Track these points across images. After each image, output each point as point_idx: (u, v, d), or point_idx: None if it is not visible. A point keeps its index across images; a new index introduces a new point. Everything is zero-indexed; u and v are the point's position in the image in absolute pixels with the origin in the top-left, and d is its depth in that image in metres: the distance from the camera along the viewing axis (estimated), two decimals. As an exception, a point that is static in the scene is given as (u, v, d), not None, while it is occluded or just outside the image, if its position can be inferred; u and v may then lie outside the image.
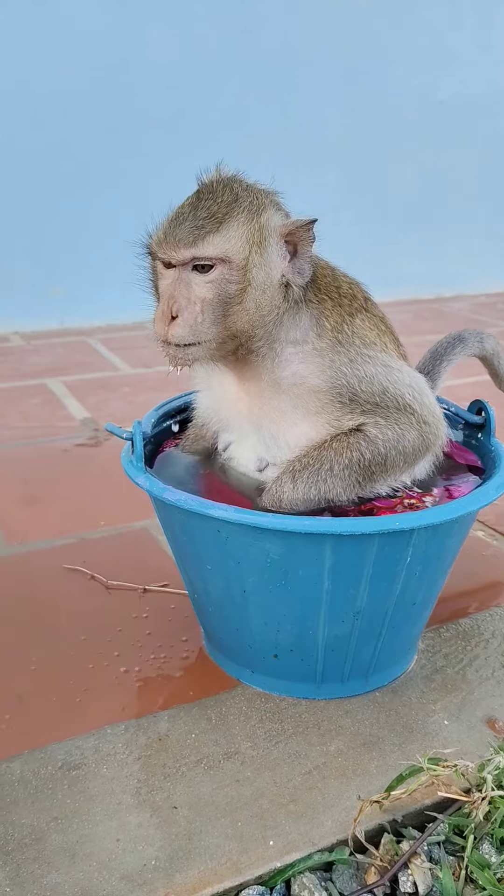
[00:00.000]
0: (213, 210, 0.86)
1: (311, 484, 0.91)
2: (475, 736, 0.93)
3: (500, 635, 1.12)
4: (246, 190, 0.91)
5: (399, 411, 0.94)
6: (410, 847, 0.78)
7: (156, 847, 0.78)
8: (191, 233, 0.85)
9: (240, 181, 0.92)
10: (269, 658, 0.96)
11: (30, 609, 1.17)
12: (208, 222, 0.86)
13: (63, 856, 0.77)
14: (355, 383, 0.93)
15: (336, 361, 0.93)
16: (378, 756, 0.90)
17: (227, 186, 0.89)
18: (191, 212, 0.87)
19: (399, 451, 0.94)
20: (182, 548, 0.97)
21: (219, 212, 0.86)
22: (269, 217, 0.89)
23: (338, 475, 0.92)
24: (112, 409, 2.10)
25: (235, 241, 0.86)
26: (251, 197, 0.90)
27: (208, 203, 0.87)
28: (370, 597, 0.89)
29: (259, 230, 0.87)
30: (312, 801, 0.84)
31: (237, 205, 0.88)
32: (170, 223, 0.88)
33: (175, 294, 0.87)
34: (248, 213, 0.88)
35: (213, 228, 0.85)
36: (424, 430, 0.96)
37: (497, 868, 0.77)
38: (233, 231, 0.86)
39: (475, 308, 3.59)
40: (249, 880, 0.76)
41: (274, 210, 0.91)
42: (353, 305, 0.97)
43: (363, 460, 0.92)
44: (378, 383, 0.94)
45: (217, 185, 0.90)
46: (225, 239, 0.85)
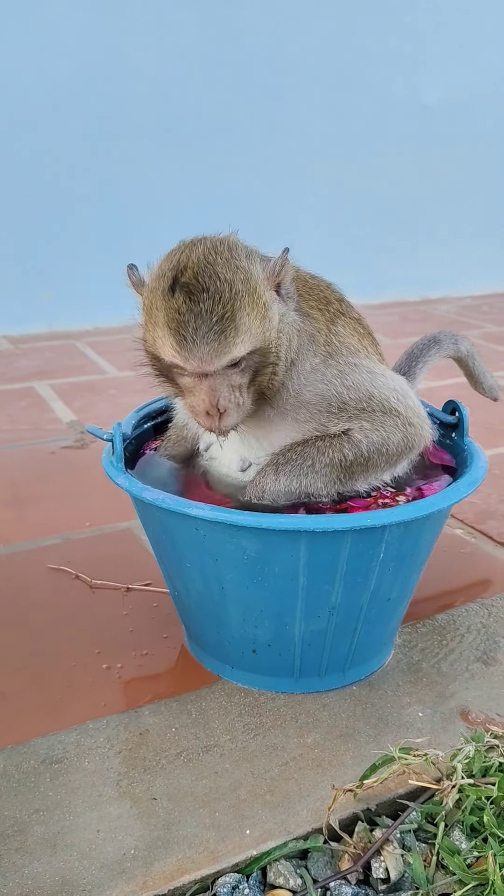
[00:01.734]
0: (220, 311, 0.83)
1: (292, 477, 0.94)
2: (449, 727, 0.95)
3: (475, 630, 1.15)
4: (231, 269, 0.85)
5: (385, 414, 0.97)
6: (383, 834, 0.80)
7: (135, 837, 0.80)
8: (215, 343, 0.83)
9: (221, 260, 0.86)
10: (247, 653, 0.98)
11: (14, 608, 1.19)
12: (223, 325, 0.83)
13: (44, 846, 0.79)
14: (344, 392, 0.95)
15: (328, 375, 0.96)
16: (353, 747, 0.92)
17: (214, 276, 0.84)
18: (199, 322, 0.83)
19: (382, 454, 0.97)
20: (162, 546, 0.99)
21: (225, 311, 0.83)
22: (259, 283, 0.87)
23: (319, 472, 0.95)
24: (98, 411, 2.12)
25: (253, 329, 0.85)
26: (240, 274, 0.85)
27: (209, 304, 0.83)
28: (345, 593, 0.91)
29: (261, 304, 0.86)
30: (289, 791, 0.86)
31: (236, 295, 0.84)
32: (184, 339, 0.84)
33: (216, 393, 0.86)
34: (247, 295, 0.85)
35: (231, 329, 0.83)
36: (409, 432, 0.99)
37: (467, 854, 0.80)
38: (246, 322, 0.85)
39: (460, 310, 3.63)
40: (226, 868, 0.78)
41: (259, 270, 0.88)
42: (330, 310, 1.00)
43: (345, 461, 0.95)
44: (364, 389, 0.96)
45: (205, 279, 0.84)
46: (245, 332, 0.84)
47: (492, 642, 1.12)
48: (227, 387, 0.87)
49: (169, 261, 0.88)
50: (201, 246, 0.87)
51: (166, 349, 0.86)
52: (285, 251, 0.90)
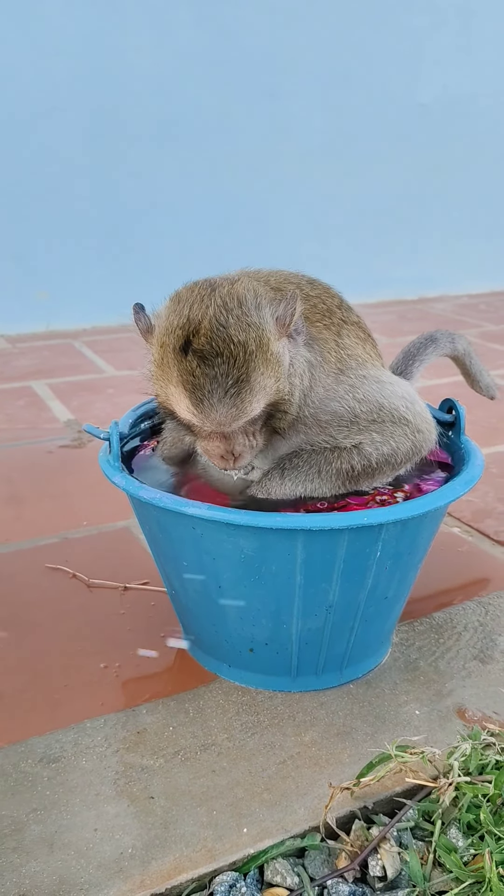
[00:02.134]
0: (235, 375, 0.82)
1: (297, 483, 0.95)
2: (446, 725, 0.96)
3: (472, 628, 1.15)
4: (244, 329, 0.83)
5: (395, 424, 0.97)
6: (380, 832, 0.80)
7: (132, 836, 0.80)
8: (232, 408, 0.83)
9: (233, 319, 0.83)
10: (245, 652, 0.98)
11: (11, 607, 1.19)
12: (239, 388, 0.82)
13: (42, 845, 0.79)
14: (356, 406, 0.96)
15: (339, 392, 0.96)
16: (351, 746, 0.92)
17: (227, 339, 0.82)
18: (215, 386, 0.82)
19: (389, 464, 0.98)
20: (159, 545, 0.99)
21: (240, 374, 0.82)
22: (272, 338, 0.85)
23: (324, 479, 0.96)
24: (96, 410, 2.12)
25: (268, 387, 0.85)
26: (252, 333, 0.83)
27: (224, 369, 0.81)
28: (342, 591, 0.91)
29: (275, 359, 0.85)
30: (286, 789, 0.86)
31: (250, 357, 0.82)
32: (200, 401, 0.83)
33: (231, 443, 0.87)
34: (261, 355, 0.83)
35: (246, 391, 0.82)
36: (418, 439, 1.00)
37: (463, 852, 0.80)
38: (261, 381, 0.84)
39: (458, 309, 3.63)
40: (224, 866, 0.78)
41: (270, 321, 0.85)
42: (334, 321, 0.99)
43: (352, 471, 0.96)
44: (375, 401, 0.97)
45: (218, 343, 0.82)
46: (260, 391, 0.84)
47: (489, 640, 1.12)
48: (242, 435, 0.88)
49: (178, 314, 0.85)
50: (212, 304, 0.83)
51: (181, 408, 0.85)
52: (294, 297, 0.86)
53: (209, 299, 0.84)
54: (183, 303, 0.85)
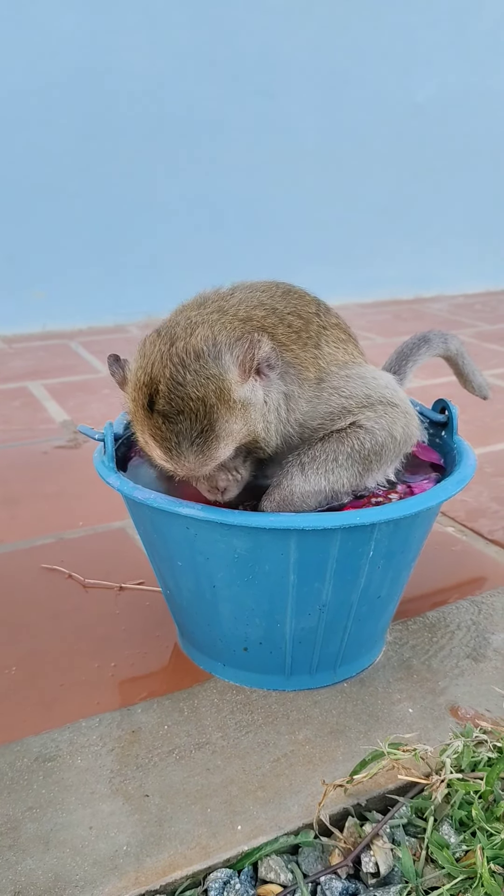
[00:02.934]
0: (198, 427, 0.84)
1: (320, 475, 0.94)
2: (439, 723, 0.96)
3: (465, 627, 1.16)
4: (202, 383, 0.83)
5: (384, 405, 0.99)
6: (372, 829, 0.81)
7: (127, 833, 0.81)
8: (200, 455, 0.85)
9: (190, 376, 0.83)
10: (239, 651, 0.99)
11: (7, 608, 1.20)
12: (205, 437, 0.84)
13: (37, 843, 0.80)
14: (344, 402, 0.97)
15: (323, 396, 0.97)
16: (344, 743, 0.93)
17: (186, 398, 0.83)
18: (181, 438, 0.84)
19: (392, 439, 0.98)
20: (154, 545, 1.00)
21: (203, 426, 0.84)
22: (233, 386, 0.85)
23: (342, 465, 0.95)
24: (92, 411, 2.12)
25: (234, 431, 0.86)
26: (211, 386, 0.84)
27: (186, 424, 0.84)
28: (335, 590, 0.92)
29: (238, 406, 0.86)
30: (280, 787, 0.87)
31: (210, 409, 0.84)
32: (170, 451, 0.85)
33: (214, 480, 0.92)
34: (223, 404, 0.84)
35: (212, 439, 0.85)
36: (408, 420, 1.01)
37: (456, 848, 0.80)
38: (226, 428, 0.85)
39: (453, 309, 3.64)
40: (218, 863, 0.79)
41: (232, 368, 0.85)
42: (309, 331, 0.98)
43: (363, 449, 0.96)
44: (361, 393, 0.98)
45: (178, 402, 0.83)
46: (227, 436, 0.86)
47: (482, 639, 1.13)
48: (224, 471, 0.91)
49: (144, 372, 0.86)
50: (169, 363, 0.84)
51: (155, 457, 0.89)
52: (257, 341, 0.86)
53: (167, 357, 0.85)
54: (146, 358, 0.87)
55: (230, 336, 0.87)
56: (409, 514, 0.88)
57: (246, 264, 1.07)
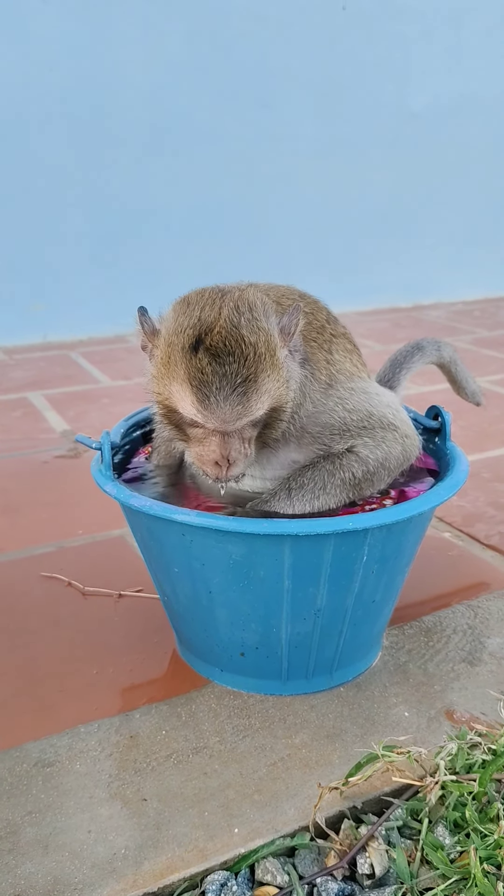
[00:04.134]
0: (244, 374, 0.84)
1: (306, 502, 0.96)
2: (434, 727, 0.97)
3: (461, 631, 1.17)
4: (255, 331, 0.85)
5: (384, 430, 1.00)
6: (368, 831, 0.82)
7: (126, 837, 0.82)
8: (238, 405, 0.85)
9: (245, 321, 0.85)
10: (236, 656, 1.00)
11: (7, 615, 1.21)
12: (247, 387, 0.84)
13: (37, 847, 0.81)
14: (346, 416, 0.99)
15: (329, 405, 0.98)
16: (341, 747, 0.94)
17: (240, 339, 0.84)
18: (224, 383, 0.84)
19: (385, 468, 1.00)
20: (151, 552, 1.01)
21: (249, 373, 0.84)
22: (277, 345, 0.88)
23: (330, 493, 0.97)
24: (91, 420, 2.14)
25: (272, 390, 0.87)
26: (262, 336, 0.86)
27: (234, 367, 0.84)
28: (330, 595, 0.93)
29: (279, 365, 0.88)
30: (276, 790, 0.88)
31: (259, 358, 0.85)
32: (207, 398, 0.84)
33: (228, 447, 0.88)
34: (269, 358, 0.86)
35: (253, 391, 0.85)
36: (406, 444, 1.02)
37: (450, 849, 0.81)
38: (267, 384, 0.86)
39: (452, 315, 3.66)
40: (215, 866, 0.80)
41: (276, 330, 0.89)
42: (325, 337, 1.02)
43: (354, 479, 0.98)
44: (364, 410, 1.00)
45: (231, 342, 0.84)
46: (265, 393, 0.86)
47: (477, 643, 1.14)
48: (239, 440, 0.89)
49: (188, 316, 0.87)
50: (225, 305, 0.86)
51: (186, 405, 0.87)
52: (298, 310, 0.89)
53: (221, 302, 0.87)
54: (193, 305, 0.88)
55: (272, 304, 0.90)
56: (402, 518, 0.90)
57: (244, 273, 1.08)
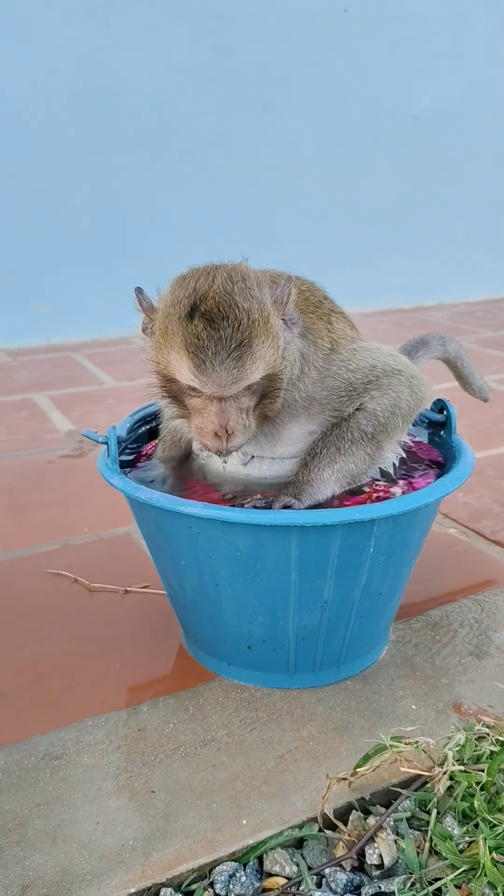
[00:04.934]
0: (238, 338, 0.86)
1: (324, 467, 0.97)
2: (441, 719, 0.97)
3: (467, 625, 1.16)
4: (248, 298, 0.88)
5: (388, 376, 1.02)
6: (376, 822, 0.82)
7: (134, 828, 0.82)
8: (233, 369, 0.86)
9: (238, 289, 0.88)
10: (243, 650, 1.00)
11: (14, 611, 1.21)
12: (241, 352, 0.86)
13: (45, 839, 0.81)
14: (350, 377, 1.00)
15: (332, 370, 1.00)
16: (348, 739, 0.94)
17: (233, 304, 0.86)
18: (219, 348, 0.85)
19: (396, 414, 1.01)
20: (157, 545, 1.01)
21: (243, 338, 0.86)
22: (271, 313, 0.90)
23: (347, 454, 0.98)
24: (96, 420, 2.14)
25: (267, 356, 0.89)
26: (255, 304, 0.88)
27: (228, 332, 0.85)
28: (336, 587, 0.93)
29: (273, 333, 0.90)
30: (284, 782, 0.88)
31: (252, 324, 0.87)
32: (203, 363, 0.86)
33: (226, 416, 0.89)
34: (262, 324, 0.88)
35: (248, 355, 0.86)
36: (414, 384, 1.04)
37: (459, 839, 0.81)
38: (261, 350, 0.87)
39: (455, 316, 3.66)
40: (223, 857, 0.80)
41: (269, 300, 0.91)
42: (323, 310, 1.04)
43: (366, 434, 0.99)
44: (366, 365, 1.01)
45: (225, 307, 0.86)
46: (260, 359, 0.87)
47: (484, 637, 1.14)
48: (237, 409, 0.89)
49: (184, 288, 0.89)
50: (219, 275, 0.88)
51: (183, 372, 0.88)
52: (290, 281, 0.92)
53: (214, 273, 0.89)
54: (188, 279, 0.91)
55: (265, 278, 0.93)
56: (409, 509, 0.90)
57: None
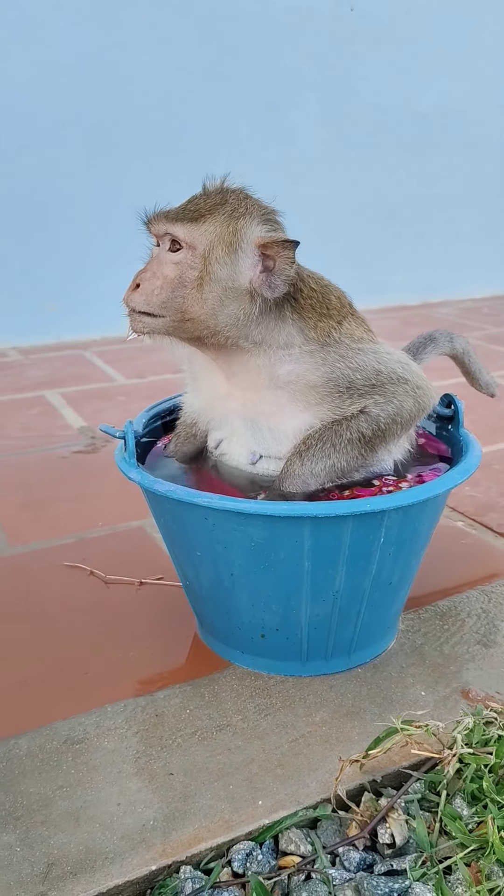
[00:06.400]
0: (199, 206, 0.97)
1: (317, 460, 0.99)
2: (450, 705, 1.00)
3: (475, 615, 1.19)
4: (238, 199, 0.98)
5: (394, 384, 1.03)
6: (388, 802, 0.85)
7: (154, 809, 0.85)
8: (174, 215, 0.97)
9: (238, 192, 1.00)
10: (257, 638, 1.03)
11: (33, 603, 1.24)
12: (190, 213, 0.96)
13: (68, 819, 0.84)
14: (349, 374, 1.01)
15: (328, 359, 1.01)
16: (359, 724, 0.96)
17: (222, 193, 0.99)
18: (184, 205, 0.99)
19: (397, 423, 1.02)
20: (173, 537, 1.04)
21: (203, 208, 0.96)
22: (247, 224, 0.96)
23: (341, 450, 0.99)
24: (108, 417, 2.17)
25: (204, 235, 0.95)
26: (239, 205, 0.98)
27: (198, 201, 0.98)
28: (348, 577, 0.96)
29: (233, 233, 0.95)
30: (298, 765, 0.90)
31: (221, 208, 0.97)
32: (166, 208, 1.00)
33: (146, 267, 0.98)
34: (228, 216, 0.96)
35: (192, 218, 0.96)
36: (419, 395, 1.05)
37: (468, 820, 0.84)
38: (206, 226, 0.95)
39: (461, 313, 3.68)
40: (240, 836, 0.83)
41: (258, 223, 0.97)
42: (342, 313, 1.05)
43: (364, 437, 1.00)
44: (371, 368, 1.02)
45: (213, 191, 1.00)
46: (197, 229, 0.95)
47: (491, 626, 1.16)
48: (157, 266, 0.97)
49: None
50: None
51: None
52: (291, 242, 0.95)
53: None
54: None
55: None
56: (418, 500, 0.92)
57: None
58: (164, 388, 2.45)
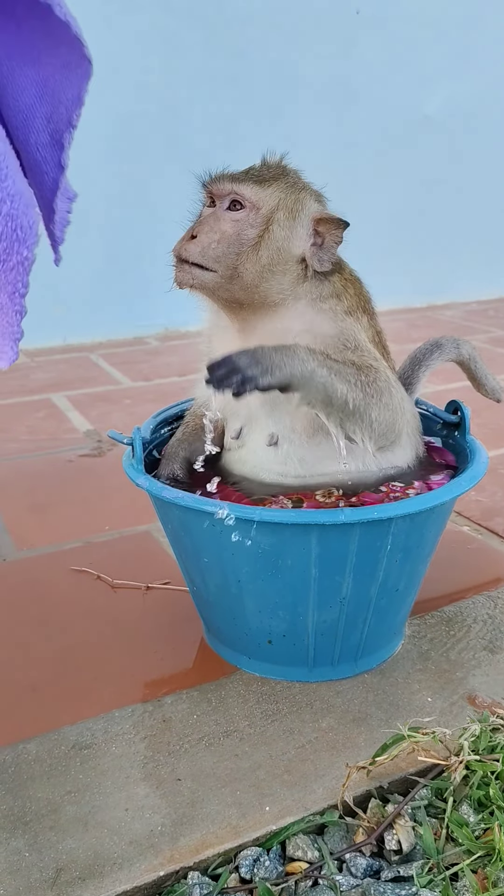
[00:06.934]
0: (263, 173, 1.02)
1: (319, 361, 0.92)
2: (456, 711, 1.00)
3: (481, 621, 1.19)
4: (296, 175, 1.05)
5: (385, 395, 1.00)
6: (395, 808, 0.85)
7: (161, 814, 0.85)
8: (239, 176, 1.01)
9: (295, 170, 1.06)
10: (264, 644, 1.04)
11: (40, 608, 1.25)
12: (256, 178, 1.00)
13: (77, 824, 0.84)
14: (360, 344, 1.02)
15: (347, 322, 1.03)
16: (366, 730, 0.97)
17: (281, 167, 1.04)
18: (247, 169, 1.03)
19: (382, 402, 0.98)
20: (181, 543, 1.05)
21: (267, 175, 1.01)
22: (306, 198, 1.02)
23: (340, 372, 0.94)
24: (114, 420, 2.18)
25: (270, 198, 0.99)
26: (298, 180, 1.04)
27: (261, 169, 1.03)
28: (355, 583, 0.96)
29: (295, 202, 1.00)
30: (305, 771, 0.91)
31: (284, 177, 1.02)
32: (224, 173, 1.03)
33: (203, 220, 1.00)
34: (291, 185, 1.01)
35: (259, 181, 1.00)
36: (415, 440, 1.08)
37: (475, 826, 0.84)
38: (271, 190, 1.00)
39: (466, 315, 3.68)
40: (248, 842, 0.83)
41: (314, 199, 1.03)
42: (367, 307, 1.09)
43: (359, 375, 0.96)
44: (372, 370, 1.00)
45: (274, 162, 1.05)
46: (263, 191, 0.99)
47: (498, 632, 1.17)
48: (215, 220, 0.99)
49: None
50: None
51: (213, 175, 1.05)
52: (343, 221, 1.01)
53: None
54: None
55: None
56: (425, 508, 0.93)
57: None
58: (170, 390, 2.45)
